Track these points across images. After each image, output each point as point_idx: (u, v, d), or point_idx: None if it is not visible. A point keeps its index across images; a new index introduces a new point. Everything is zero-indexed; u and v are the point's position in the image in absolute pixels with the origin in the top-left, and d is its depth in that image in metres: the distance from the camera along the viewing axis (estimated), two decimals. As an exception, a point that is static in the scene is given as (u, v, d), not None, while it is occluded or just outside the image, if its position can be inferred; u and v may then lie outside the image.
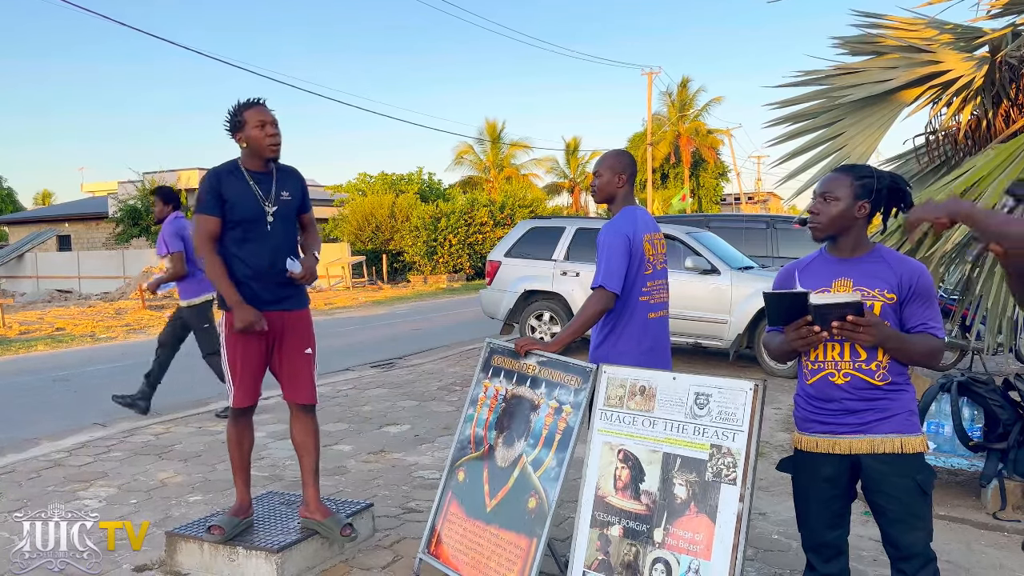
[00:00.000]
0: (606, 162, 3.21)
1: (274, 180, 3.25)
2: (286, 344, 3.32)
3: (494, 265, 9.68)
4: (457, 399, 6.90)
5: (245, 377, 3.25)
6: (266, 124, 3.16)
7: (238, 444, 3.39)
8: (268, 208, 3.20)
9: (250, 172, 3.21)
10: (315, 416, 3.45)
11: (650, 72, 34.22)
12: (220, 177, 3.18)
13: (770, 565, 3.39)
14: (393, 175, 33.67)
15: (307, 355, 3.37)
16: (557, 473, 2.85)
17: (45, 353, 10.97)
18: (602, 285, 3.03)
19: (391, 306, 18.06)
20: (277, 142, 3.21)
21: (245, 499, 3.44)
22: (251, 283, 3.20)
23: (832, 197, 2.31)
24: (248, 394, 3.28)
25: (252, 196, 3.18)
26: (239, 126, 3.18)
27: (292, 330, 3.32)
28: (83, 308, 18.66)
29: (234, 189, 3.16)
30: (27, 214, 40.62)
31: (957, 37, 4.57)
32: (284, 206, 3.25)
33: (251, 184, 3.19)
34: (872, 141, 4.54)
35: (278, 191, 3.24)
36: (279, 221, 3.22)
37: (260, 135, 3.15)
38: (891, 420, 2.25)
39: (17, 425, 6.23)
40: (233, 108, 3.21)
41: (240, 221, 3.17)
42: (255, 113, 3.17)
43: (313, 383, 3.40)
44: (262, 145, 3.17)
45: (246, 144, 3.19)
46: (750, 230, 11.34)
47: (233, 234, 3.19)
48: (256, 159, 3.22)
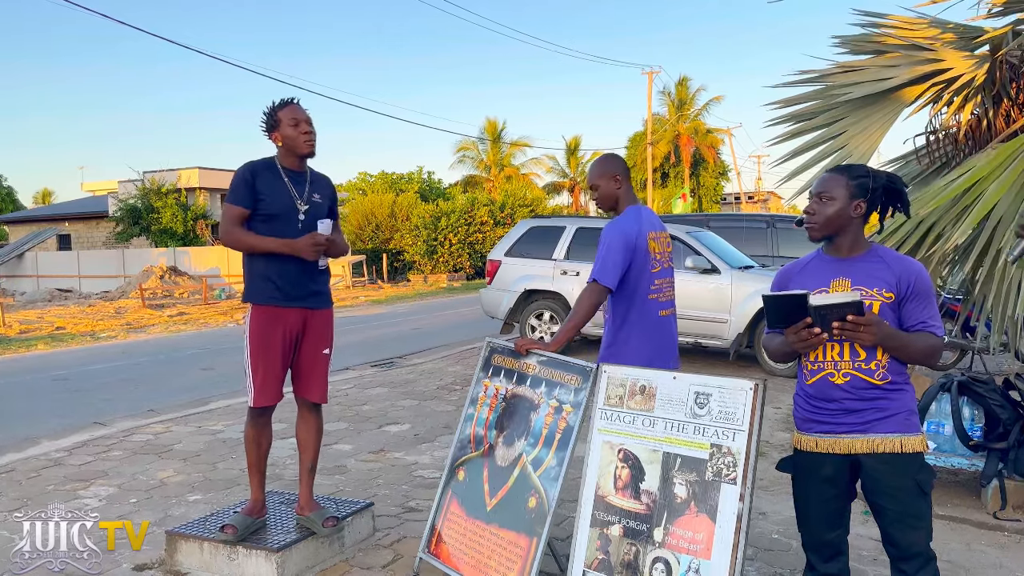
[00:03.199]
0: (596, 170, 3.23)
1: (308, 181, 3.30)
2: (306, 342, 3.32)
3: (494, 264, 9.68)
4: (457, 398, 6.90)
5: (267, 377, 3.24)
6: (300, 122, 3.22)
7: (256, 444, 3.38)
8: (300, 206, 3.23)
9: (286, 169, 3.26)
10: (321, 416, 3.47)
11: (650, 72, 34.24)
12: (256, 171, 3.21)
13: (770, 565, 3.39)
14: (393, 174, 33.74)
15: (324, 355, 3.38)
16: (557, 472, 2.84)
17: (45, 352, 10.97)
18: (596, 279, 3.04)
19: (391, 305, 18.07)
20: (312, 139, 3.26)
21: (260, 498, 3.44)
22: (276, 279, 3.20)
23: (828, 197, 2.31)
24: (268, 394, 3.26)
25: (287, 192, 3.22)
26: (274, 126, 3.23)
27: (313, 328, 3.33)
28: (83, 307, 18.67)
29: (269, 183, 3.19)
30: (27, 213, 40.61)
31: (959, 36, 4.57)
32: (315, 208, 3.28)
33: (286, 181, 3.23)
34: (873, 141, 4.53)
35: (311, 192, 3.28)
36: (309, 221, 3.24)
37: (295, 133, 3.21)
38: (891, 420, 2.25)
39: (17, 425, 6.23)
40: (268, 109, 3.26)
41: (272, 215, 3.19)
42: (289, 112, 3.22)
43: (326, 383, 3.42)
44: (298, 143, 3.22)
45: (282, 143, 3.24)
46: (750, 230, 11.35)
47: (263, 228, 3.19)
48: (292, 157, 3.26)
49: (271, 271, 3.19)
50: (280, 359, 3.26)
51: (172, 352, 10.38)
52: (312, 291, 3.29)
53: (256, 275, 3.21)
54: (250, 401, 3.27)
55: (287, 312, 3.22)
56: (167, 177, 29.01)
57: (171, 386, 7.78)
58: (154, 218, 28.54)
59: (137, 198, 28.90)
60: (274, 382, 3.26)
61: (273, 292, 3.20)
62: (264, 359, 3.22)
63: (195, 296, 21.31)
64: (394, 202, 29.15)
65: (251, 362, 3.23)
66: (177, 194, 28.63)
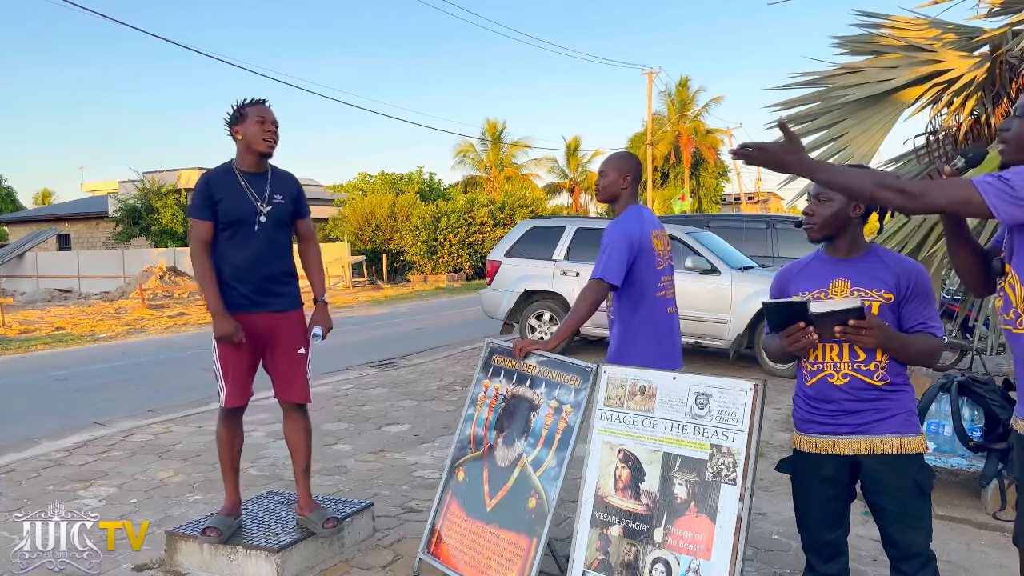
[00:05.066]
0: (612, 162, 3.23)
1: (268, 182, 3.27)
2: (278, 344, 3.31)
3: (494, 265, 9.68)
4: (457, 399, 6.90)
5: (235, 378, 3.27)
6: (266, 121, 3.21)
7: (229, 444, 3.40)
8: (261, 208, 3.20)
9: (243, 173, 3.24)
10: (307, 415, 3.45)
11: (650, 72, 34.24)
12: (211, 180, 3.20)
13: (770, 565, 3.39)
14: (393, 175, 33.67)
15: (300, 355, 3.36)
16: (557, 473, 2.85)
17: (45, 353, 10.97)
18: (601, 277, 3.04)
19: (391, 306, 18.06)
20: (272, 140, 3.23)
21: (237, 499, 3.46)
22: (239, 285, 3.19)
23: (826, 198, 2.30)
24: (238, 395, 3.29)
25: (244, 196, 3.19)
26: (240, 119, 3.21)
27: (283, 331, 3.31)
28: (83, 307, 18.66)
29: (226, 190, 3.18)
30: (27, 213, 40.61)
31: (959, 36, 4.57)
32: (277, 208, 3.25)
33: (243, 184, 3.21)
34: (874, 141, 4.53)
35: (272, 192, 3.25)
36: (272, 223, 3.22)
37: (258, 129, 3.19)
38: (890, 420, 2.25)
39: (17, 425, 6.23)
40: (237, 103, 3.25)
41: (232, 221, 3.18)
42: (258, 110, 3.22)
43: (306, 383, 3.39)
44: (257, 139, 3.19)
45: (242, 137, 3.21)
46: (750, 230, 11.35)
47: (225, 234, 3.20)
48: (250, 156, 3.23)
49: (235, 279, 3.19)
50: (248, 360, 3.28)
51: (172, 352, 10.37)
52: (277, 295, 3.28)
53: (221, 282, 3.20)
54: (221, 402, 3.30)
55: (254, 318, 3.22)
56: (167, 177, 29.01)
57: (171, 386, 7.77)
58: (154, 218, 28.55)
59: (137, 198, 28.91)
60: (244, 383, 3.30)
61: (238, 299, 3.20)
62: (233, 362, 3.25)
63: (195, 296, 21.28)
64: (394, 202, 29.10)
65: (220, 366, 3.27)
66: (177, 194, 28.63)
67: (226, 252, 3.21)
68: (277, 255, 3.26)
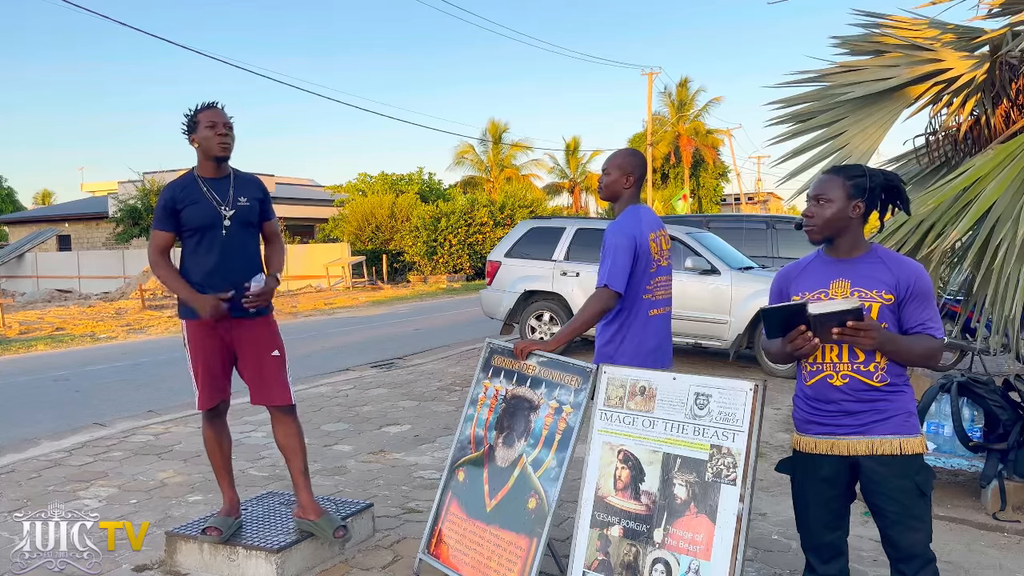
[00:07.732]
0: (616, 161, 3.21)
1: (231, 186, 3.26)
2: (249, 349, 3.29)
3: (494, 265, 9.68)
4: (457, 399, 6.90)
5: (208, 379, 3.28)
6: (217, 125, 3.18)
7: (217, 444, 3.41)
8: (225, 212, 3.20)
9: (204, 179, 3.23)
10: (296, 417, 3.43)
11: (650, 72, 34.24)
12: (174, 191, 3.20)
13: (770, 565, 3.39)
14: (393, 175, 33.68)
15: (274, 357, 3.32)
16: (557, 473, 2.85)
17: (45, 353, 10.97)
18: (607, 284, 3.03)
19: (391, 306, 18.06)
20: (226, 143, 3.21)
21: (235, 498, 3.46)
22: (209, 289, 3.17)
23: (825, 199, 2.30)
24: (211, 396, 3.31)
25: (208, 202, 3.19)
26: (194, 127, 3.21)
27: (253, 335, 3.29)
28: (83, 308, 18.66)
29: (189, 198, 3.18)
30: (27, 214, 40.63)
31: (958, 36, 4.57)
32: (242, 211, 3.24)
33: (205, 190, 3.21)
34: (873, 141, 4.53)
35: (235, 196, 3.24)
36: (237, 226, 3.22)
37: (210, 134, 3.17)
38: (890, 421, 2.25)
39: (17, 425, 6.23)
40: (189, 110, 3.24)
41: (197, 228, 3.18)
42: (208, 115, 3.20)
43: (286, 384, 3.35)
44: (211, 144, 3.18)
45: (198, 145, 3.21)
46: (750, 230, 11.35)
47: (191, 242, 3.20)
48: (208, 162, 3.23)
49: (205, 283, 3.18)
50: (220, 360, 3.30)
51: (172, 353, 10.35)
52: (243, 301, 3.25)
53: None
54: (196, 404, 3.33)
55: (220, 324, 3.21)
56: (167, 178, 28.78)
57: (171, 387, 7.77)
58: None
59: (137, 199, 28.87)
60: (217, 383, 3.32)
61: None
62: (205, 364, 3.27)
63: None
64: (394, 203, 29.10)
65: (193, 369, 3.30)
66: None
67: (195, 258, 3.20)
68: (245, 258, 3.25)
